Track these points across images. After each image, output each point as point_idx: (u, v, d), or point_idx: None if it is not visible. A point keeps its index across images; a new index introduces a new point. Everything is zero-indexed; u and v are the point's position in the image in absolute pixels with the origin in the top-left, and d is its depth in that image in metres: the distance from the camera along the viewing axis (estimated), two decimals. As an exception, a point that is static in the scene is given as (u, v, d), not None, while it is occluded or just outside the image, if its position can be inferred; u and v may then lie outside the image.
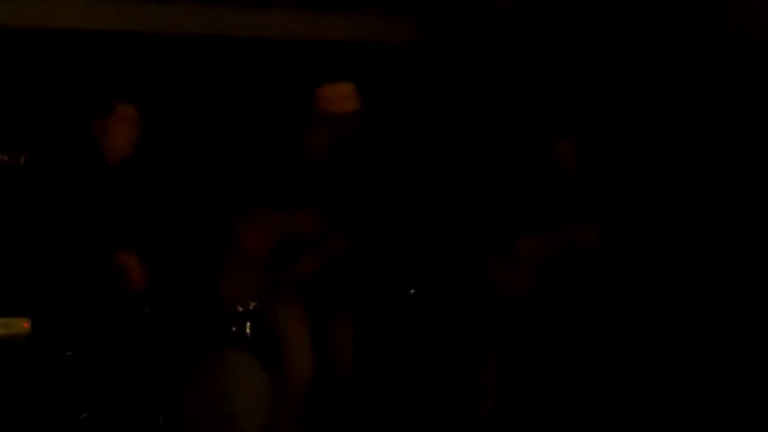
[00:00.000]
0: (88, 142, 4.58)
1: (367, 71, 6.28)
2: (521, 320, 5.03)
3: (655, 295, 5.33)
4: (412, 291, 5.93)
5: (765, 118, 4.89)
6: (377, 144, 5.59)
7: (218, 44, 6.35)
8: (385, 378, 5.62)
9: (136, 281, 4.47)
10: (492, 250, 5.13)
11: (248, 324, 4.87)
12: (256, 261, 4.65)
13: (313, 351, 4.71)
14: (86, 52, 6.09)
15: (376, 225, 4.81)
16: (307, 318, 4.75)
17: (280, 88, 6.34)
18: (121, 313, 4.51)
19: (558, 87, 6.03)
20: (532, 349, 5.01)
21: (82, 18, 6.05)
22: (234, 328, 4.85)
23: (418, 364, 5.71)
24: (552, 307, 4.98)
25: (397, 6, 6.69)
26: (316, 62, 6.36)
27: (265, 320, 4.79)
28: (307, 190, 4.73)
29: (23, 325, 4.10)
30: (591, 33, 5.94)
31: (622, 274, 5.20)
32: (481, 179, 6.03)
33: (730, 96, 5.08)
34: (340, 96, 4.71)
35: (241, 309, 4.84)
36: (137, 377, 4.52)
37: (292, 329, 4.71)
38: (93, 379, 4.41)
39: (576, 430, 4.97)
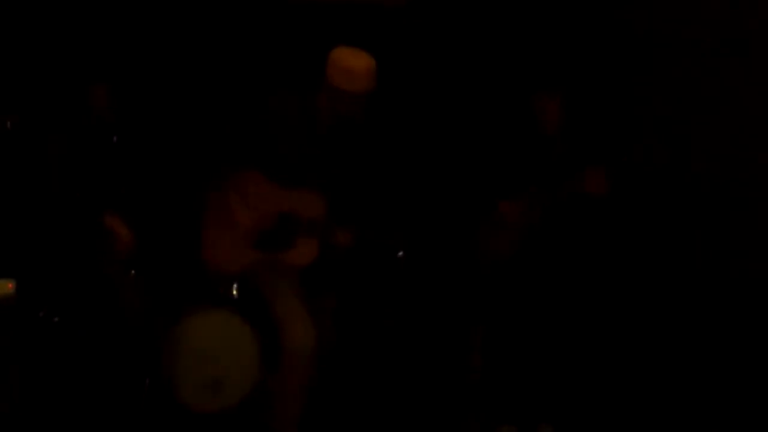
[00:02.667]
0: (78, 106, 4.61)
1: (356, 33, 6.26)
2: (504, 286, 5.01)
3: (639, 262, 5.35)
4: (400, 253, 5.93)
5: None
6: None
7: (209, 3, 6.33)
8: (371, 347, 5.63)
9: (124, 243, 4.49)
10: (475, 214, 5.12)
11: (235, 285, 4.88)
12: (243, 235, 4.44)
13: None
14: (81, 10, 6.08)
15: (368, 193, 4.73)
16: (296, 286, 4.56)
17: (269, 50, 6.33)
18: (110, 276, 4.54)
19: (544, 49, 6.01)
20: (516, 315, 5.00)
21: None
22: (220, 289, 4.86)
23: (405, 331, 5.73)
24: (535, 273, 4.97)
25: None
26: (305, 23, 6.34)
27: (254, 285, 4.66)
28: (307, 162, 4.43)
29: (7, 286, 4.13)
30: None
31: (604, 240, 5.20)
32: (466, 142, 6.03)
33: (715, 64, 5.09)
34: (356, 71, 4.25)
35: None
36: (123, 339, 4.54)
37: (287, 298, 4.50)
38: (79, 341, 4.44)
39: (563, 396, 4.99)
